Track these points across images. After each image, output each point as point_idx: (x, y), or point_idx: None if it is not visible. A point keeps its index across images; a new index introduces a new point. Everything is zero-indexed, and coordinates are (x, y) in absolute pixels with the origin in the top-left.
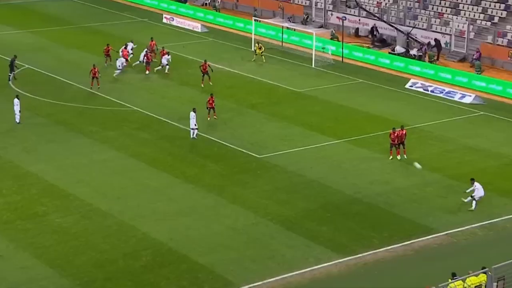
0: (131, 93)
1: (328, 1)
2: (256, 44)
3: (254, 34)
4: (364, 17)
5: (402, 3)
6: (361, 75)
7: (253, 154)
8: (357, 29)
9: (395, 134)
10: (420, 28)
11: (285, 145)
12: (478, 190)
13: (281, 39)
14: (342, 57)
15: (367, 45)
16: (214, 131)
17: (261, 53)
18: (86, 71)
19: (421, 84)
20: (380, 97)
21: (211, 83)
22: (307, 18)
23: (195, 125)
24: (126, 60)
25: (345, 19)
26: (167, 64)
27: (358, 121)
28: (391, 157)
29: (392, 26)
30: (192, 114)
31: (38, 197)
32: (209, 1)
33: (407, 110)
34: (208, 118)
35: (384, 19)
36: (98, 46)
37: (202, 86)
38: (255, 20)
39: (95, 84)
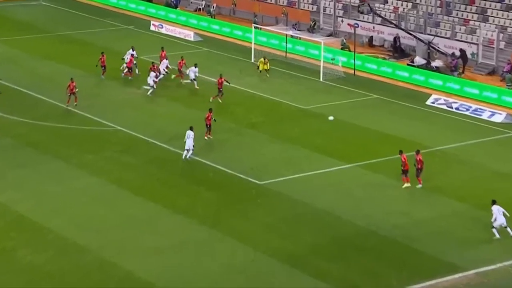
0: (113, 110)
1: (338, 6)
2: (262, 59)
3: (254, 44)
4: (379, 24)
5: (422, 8)
6: (375, 90)
7: (253, 180)
8: (371, 37)
9: (405, 158)
10: (442, 37)
11: (289, 170)
12: (498, 216)
13: (284, 49)
14: (354, 69)
15: (382, 56)
16: (209, 154)
17: (266, 70)
18: (62, 86)
19: (444, 100)
20: (397, 115)
21: (220, 101)
22: (314, 25)
23: (193, 146)
24: (158, 73)
25: (358, 27)
26: (194, 79)
27: (372, 142)
28: (406, 184)
29: (411, 34)
30: (189, 133)
31: (6, 230)
32: (203, 6)
33: (428, 130)
34: (206, 137)
35: (402, 27)
36: (76, 57)
37: (211, 101)
38: (255, 27)
39: (72, 101)
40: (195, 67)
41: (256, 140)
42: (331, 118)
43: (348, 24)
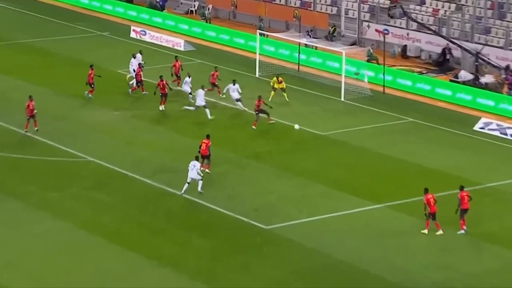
0: (83, 137)
1: (363, 8)
2: (275, 78)
3: (260, 54)
4: (414, 30)
5: (468, 11)
6: (410, 112)
7: (258, 224)
8: (405, 47)
9: (430, 199)
10: (494, 46)
11: (303, 211)
12: None
13: (297, 61)
14: (384, 86)
15: (419, 70)
16: (205, 191)
17: (283, 89)
18: (19, 106)
19: (497, 125)
20: (438, 143)
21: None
22: (333, 31)
23: (201, 176)
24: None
25: (388, 33)
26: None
27: (406, 177)
28: (438, 232)
29: (455, 43)
30: (194, 163)
31: None
32: (195, 8)
33: (477, 162)
34: (202, 168)
35: (443, 34)
36: (38, 71)
37: (254, 127)
38: (260, 34)
39: (31, 125)
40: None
41: (261, 174)
42: (297, 127)
43: (376, 31)
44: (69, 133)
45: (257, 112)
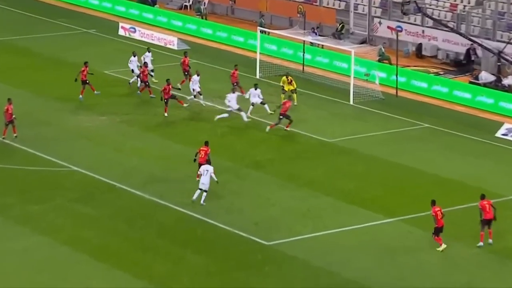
0: (67, 144)
1: (374, 3)
2: (284, 77)
3: (260, 54)
4: (430, 27)
5: (489, 6)
6: (426, 116)
7: (258, 240)
8: (420, 45)
9: (438, 212)
10: None
11: (308, 225)
12: None
13: (301, 61)
14: (397, 88)
15: (435, 71)
16: (198, 203)
17: (293, 90)
18: None
19: None
20: (456, 151)
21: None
22: (341, 28)
23: (215, 180)
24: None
25: (401, 31)
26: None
27: (420, 188)
28: (441, 246)
29: (475, 41)
30: (206, 168)
31: None
32: (190, 2)
33: (499, 171)
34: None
35: (461, 32)
36: (17, 72)
37: (267, 131)
38: (261, 31)
39: (9, 131)
40: (256, 89)
41: (262, 184)
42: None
43: (389, 28)
44: (52, 140)
45: (283, 116)
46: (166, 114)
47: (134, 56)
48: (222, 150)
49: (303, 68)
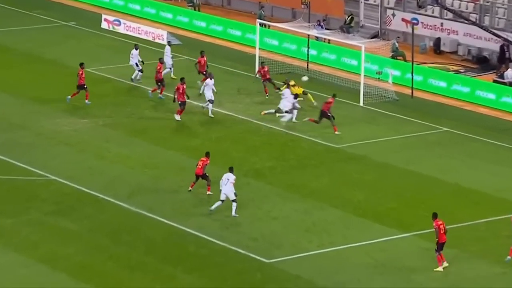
0: (44, 151)
1: None
2: (285, 86)
3: (260, 49)
4: (449, 19)
5: None
6: (445, 119)
7: (258, 258)
8: (438, 40)
9: (441, 225)
10: None
11: (313, 241)
12: None
13: (306, 58)
14: (412, 88)
15: (455, 68)
16: (190, 217)
17: (301, 95)
18: None
19: None
20: (479, 158)
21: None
22: (350, 21)
23: (235, 194)
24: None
25: (417, 23)
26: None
27: (439, 199)
28: (442, 265)
29: (499, 36)
30: (228, 176)
31: None
32: None
33: None
34: (191, 189)
35: (484, 24)
36: None
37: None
38: (260, 25)
39: None
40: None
41: (262, 195)
42: (305, 78)
43: (403, 20)
44: (26, 145)
45: (327, 115)
46: (178, 118)
47: (136, 50)
48: (217, 157)
49: (307, 65)
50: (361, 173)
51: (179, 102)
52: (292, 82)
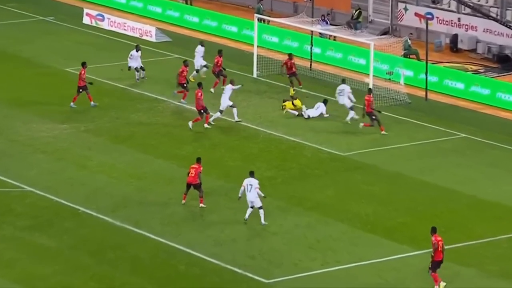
0: (19, 160)
1: None
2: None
3: (258, 47)
4: (467, 14)
5: None
6: (462, 125)
7: (256, 278)
8: (455, 36)
9: (440, 242)
10: None
11: (316, 259)
12: None
13: (309, 57)
14: (427, 90)
15: (474, 68)
16: (182, 232)
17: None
18: None
19: None
20: (500, 167)
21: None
22: (358, 16)
23: (262, 196)
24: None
25: (432, 18)
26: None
27: (456, 213)
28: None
29: None
30: (250, 181)
31: None
32: None
33: None
34: (183, 201)
35: (505, 20)
36: None
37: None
38: (259, 20)
39: None
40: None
41: (265, 205)
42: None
43: (417, 15)
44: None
45: (371, 115)
46: (191, 126)
47: (137, 51)
48: (211, 167)
49: (310, 64)
50: (370, 184)
51: (199, 110)
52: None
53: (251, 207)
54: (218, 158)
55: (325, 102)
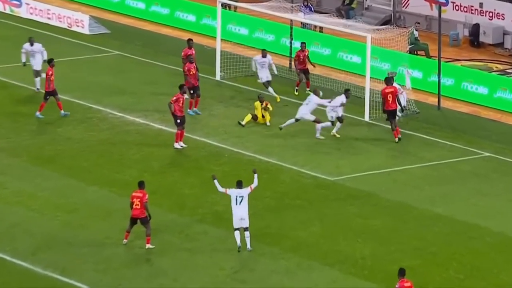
0: None
1: None
2: (258, 102)
3: (222, 40)
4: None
5: None
6: (486, 141)
7: None
8: (476, 27)
9: None
10: None
11: None
12: None
13: (288, 53)
14: (439, 96)
15: (500, 68)
16: (121, 280)
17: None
18: None
19: None
20: None
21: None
22: (351, 1)
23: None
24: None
25: (446, 4)
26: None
27: (478, 254)
28: None
29: None
30: (241, 193)
31: None
32: None
33: None
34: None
35: None
36: None
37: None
38: (223, 6)
39: None
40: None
41: (225, 249)
42: None
43: (426, 0)
44: None
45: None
46: (177, 146)
47: (32, 45)
48: (162, 195)
49: (290, 63)
50: (367, 218)
51: (178, 120)
52: (265, 103)
53: (237, 229)
54: (170, 184)
55: (346, 93)
